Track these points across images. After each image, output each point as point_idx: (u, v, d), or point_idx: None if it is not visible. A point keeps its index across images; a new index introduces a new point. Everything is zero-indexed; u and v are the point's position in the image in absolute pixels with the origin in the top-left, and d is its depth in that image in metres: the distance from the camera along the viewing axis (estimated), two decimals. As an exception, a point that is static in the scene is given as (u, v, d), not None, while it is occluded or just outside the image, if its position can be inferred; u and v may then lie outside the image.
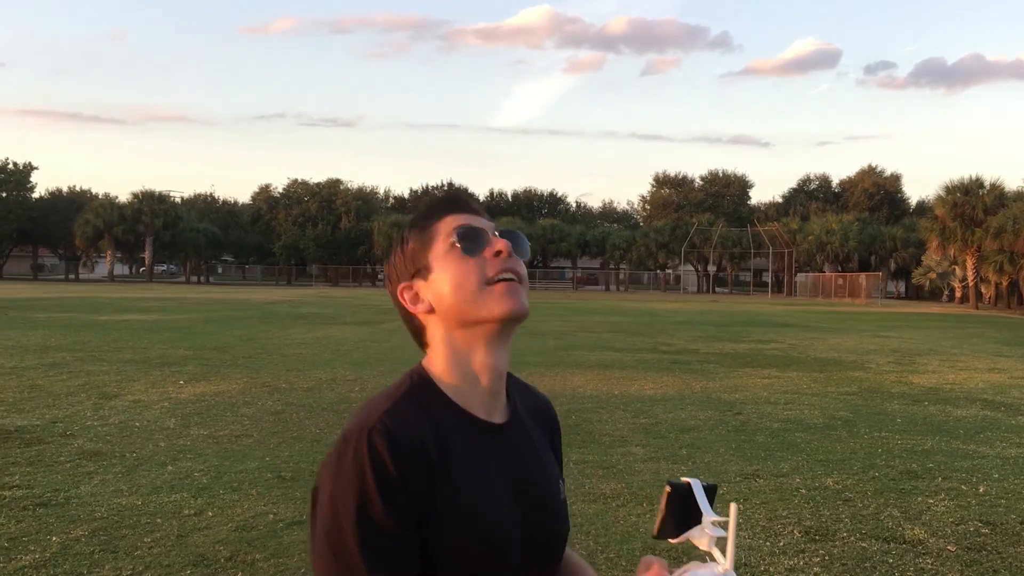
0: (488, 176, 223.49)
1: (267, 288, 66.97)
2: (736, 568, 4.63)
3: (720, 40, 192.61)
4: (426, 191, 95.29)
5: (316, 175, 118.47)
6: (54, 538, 4.90)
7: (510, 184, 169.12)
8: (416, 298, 1.29)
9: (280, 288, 68.40)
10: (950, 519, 5.66)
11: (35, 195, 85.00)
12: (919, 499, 6.15)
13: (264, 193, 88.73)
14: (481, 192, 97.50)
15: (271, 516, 5.40)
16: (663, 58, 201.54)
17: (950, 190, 52.83)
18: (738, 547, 4.93)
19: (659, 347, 18.22)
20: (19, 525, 5.12)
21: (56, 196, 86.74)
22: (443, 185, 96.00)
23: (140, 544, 4.82)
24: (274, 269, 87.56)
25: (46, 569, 4.41)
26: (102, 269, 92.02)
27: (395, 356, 15.07)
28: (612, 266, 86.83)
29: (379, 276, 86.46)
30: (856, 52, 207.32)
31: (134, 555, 4.64)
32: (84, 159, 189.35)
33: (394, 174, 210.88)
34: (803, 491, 6.30)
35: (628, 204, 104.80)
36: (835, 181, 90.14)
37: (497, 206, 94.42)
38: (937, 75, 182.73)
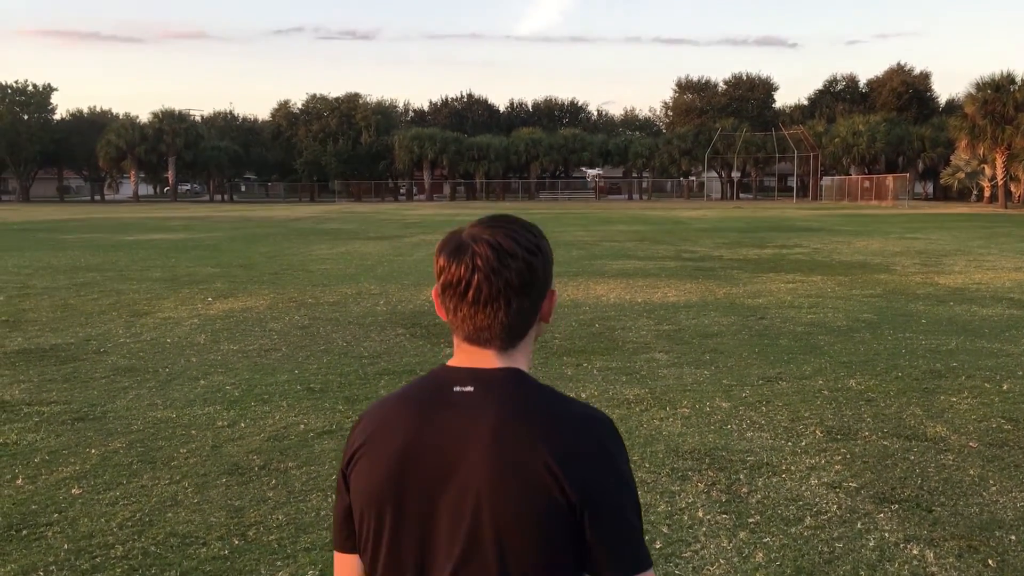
0: (509, 86, 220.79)
1: (290, 205, 67.16)
2: (758, 468, 4.71)
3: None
4: (445, 103, 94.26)
5: (335, 90, 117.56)
6: (93, 450, 5.05)
7: (531, 94, 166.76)
8: (550, 304, 1.46)
9: (303, 204, 68.56)
10: (973, 416, 5.70)
11: (56, 117, 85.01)
12: (942, 398, 6.19)
13: (283, 109, 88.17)
14: (501, 103, 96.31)
15: (302, 426, 5.53)
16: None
17: (980, 87, 51.51)
18: (760, 447, 5.01)
19: (682, 255, 18.19)
20: (59, 439, 5.29)
21: (77, 117, 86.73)
22: (463, 97, 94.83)
23: (176, 455, 4.96)
24: (296, 186, 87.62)
25: (87, 480, 4.56)
26: (127, 190, 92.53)
27: (419, 270, 15.17)
28: (634, 174, 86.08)
29: (401, 191, 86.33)
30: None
31: (171, 465, 4.79)
32: (103, 79, 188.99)
33: (413, 86, 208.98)
34: (825, 392, 6.35)
35: (651, 111, 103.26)
36: (862, 81, 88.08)
37: (518, 116, 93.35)
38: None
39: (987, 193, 57.05)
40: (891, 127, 70.70)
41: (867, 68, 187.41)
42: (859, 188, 63.57)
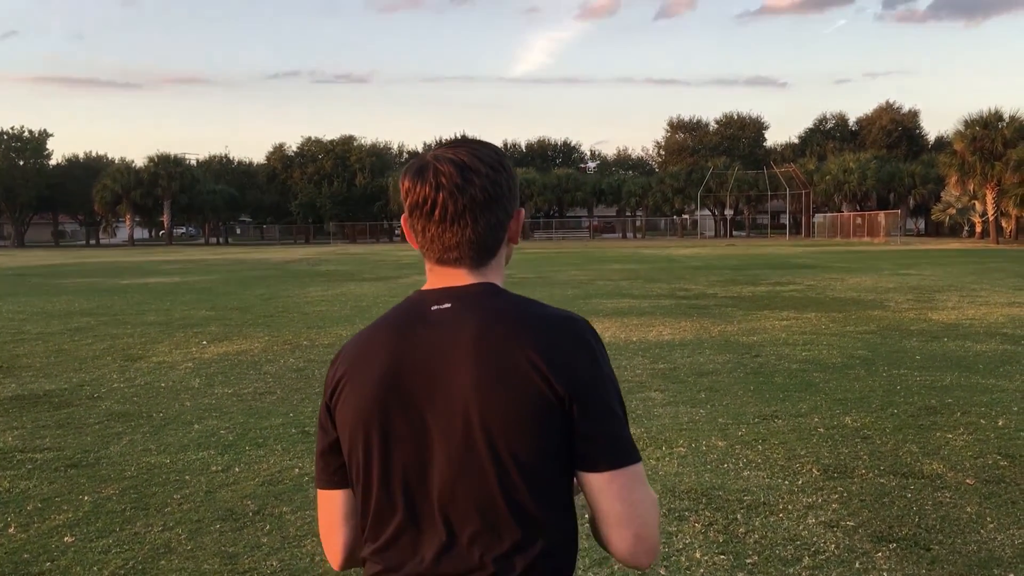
0: (502, 127, 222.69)
1: (285, 247, 67.26)
2: (755, 507, 4.68)
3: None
4: (439, 144, 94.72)
5: (330, 132, 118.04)
6: (86, 497, 5.02)
7: (524, 135, 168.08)
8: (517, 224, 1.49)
9: (298, 246, 68.67)
10: (969, 453, 5.69)
11: (52, 162, 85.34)
12: (938, 434, 6.18)
13: (279, 152, 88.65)
14: (495, 143, 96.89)
15: (296, 470, 5.50)
16: (677, 0, 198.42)
17: (969, 124, 52.08)
18: (757, 486, 5.00)
19: (676, 292, 18.23)
20: (51, 486, 5.25)
21: (73, 162, 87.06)
22: (457, 138, 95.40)
23: (170, 501, 4.93)
24: (292, 228, 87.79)
25: (80, 527, 4.53)
26: (122, 234, 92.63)
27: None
28: (628, 213, 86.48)
29: (396, 231, 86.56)
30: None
31: (164, 511, 4.76)
32: (100, 124, 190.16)
33: (408, 128, 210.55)
34: (821, 430, 6.34)
35: (643, 150, 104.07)
36: (852, 119, 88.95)
37: (511, 157, 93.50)
38: (957, 6, 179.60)
39: (978, 229, 57.37)
40: (881, 164, 71.24)
41: (856, 106, 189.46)
42: (851, 225, 63.90)
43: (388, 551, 1.40)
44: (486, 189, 1.39)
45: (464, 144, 1.44)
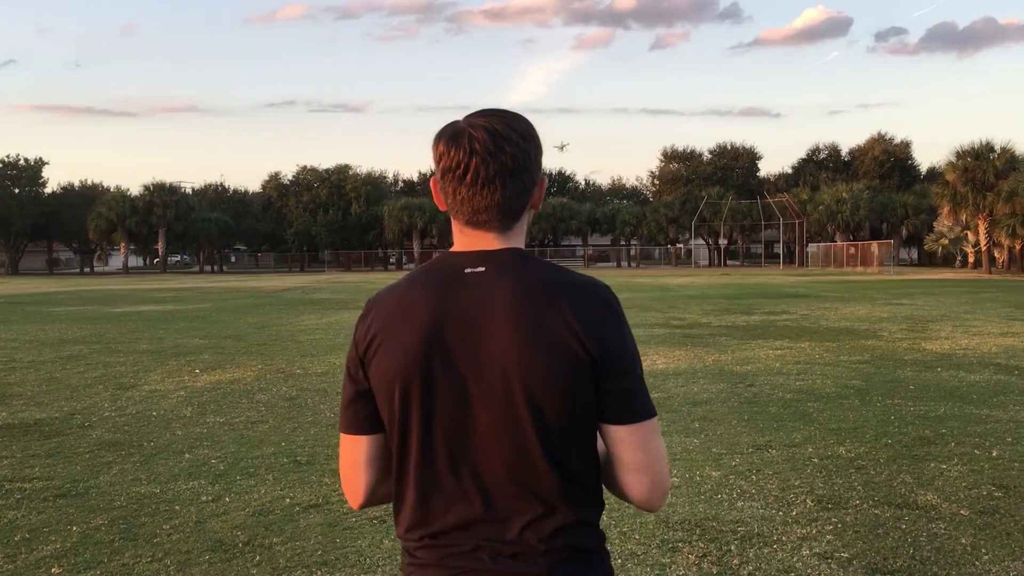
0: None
1: (280, 275, 67.22)
2: (749, 538, 4.66)
3: (730, 11, 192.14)
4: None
5: (325, 161, 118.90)
6: (74, 528, 4.97)
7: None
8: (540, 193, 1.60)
9: (293, 275, 68.63)
10: (963, 484, 5.67)
11: (47, 190, 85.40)
12: (932, 465, 6.16)
13: (274, 181, 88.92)
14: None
15: (287, 500, 5.46)
16: (672, 32, 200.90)
17: (960, 155, 52.52)
18: (751, 517, 4.97)
19: (670, 321, 18.23)
20: (40, 516, 5.20)
21: (68, 191, 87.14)
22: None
23: (159, 531, 4.89)
24: (287, 256, 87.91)
25: (67, 558, 4.48)
26: (116, 262, 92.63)
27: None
28: (623, 242, 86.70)
29: (391, 260, 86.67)
30: (867, 19, 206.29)
31: (153, 542, 4.71)
32: (95, 153, 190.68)
33: (404, 158, 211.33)
34: (815, 460, 6.32)
35: (637, 180, 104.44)
36: (844, 150, 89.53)
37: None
38: (948, 40, 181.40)
39: (971, 259, 57.63)
40: (874, 194, 71.68)
41: (849, 137, 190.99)
42: (845, 255, 64.14)
43: (429, 499, 1.50)
44: (516, 157, 1.49)
45: (496, 113, 1.53)
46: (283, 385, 10.10)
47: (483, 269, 1.49)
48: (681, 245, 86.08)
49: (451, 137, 1.49)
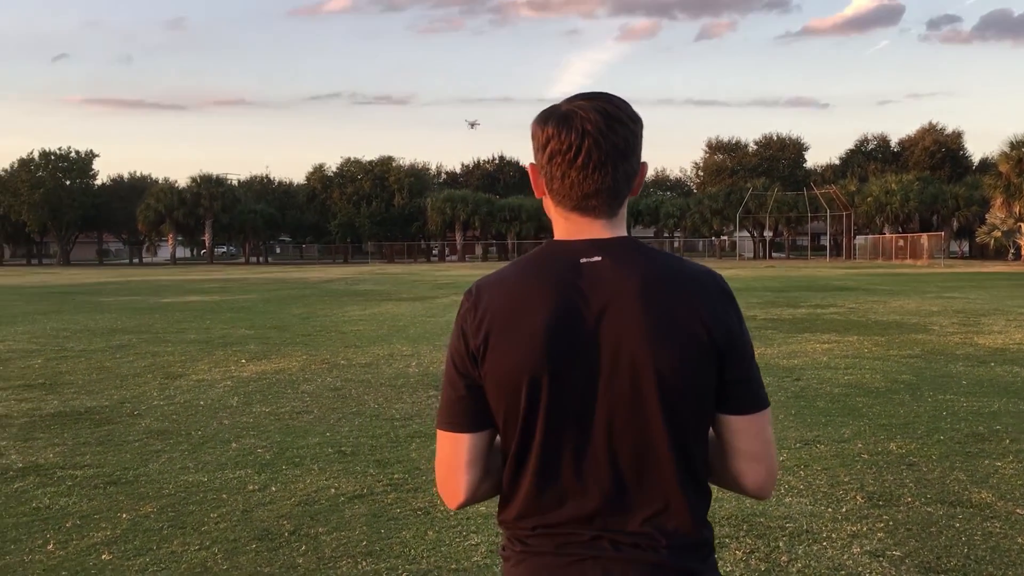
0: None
1: (324, 266, 67.83)
2: (798, 535, 4.57)
3: (777, 0, 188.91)
4: (477, 165, 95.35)
5: (369, 153, 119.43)
6: (124, 515, 5.04)
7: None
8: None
9: (336, 266, 69.20)
10: (1019, 482, 5.53)
11: (98, 182, 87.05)
12: (986, 462, 6.02)
13: (318, 173, 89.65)
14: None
15: (332, 491, 5.49)
16: (718, 22, 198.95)
17: (1015, 145, 51.39)
18: (799, 513, 4.89)
19: (716, 314, 18.02)
20: (91, 503, 5.28)
21: (118, 183, 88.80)
22: (495, 159, 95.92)
23: (207, 520, 4.94)
24: (330, 247, 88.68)
25: (117, 545, 4.54)
26: (164, 252, 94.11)
27: (451, 331, 15.14)
28: (666, 234, 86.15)
29: (433, 252, 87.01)
30: (919, 6, 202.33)
31: (201, 530, 4.76)
32: (144, 145, 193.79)
33: (446, 149, 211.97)
34: (865, 456, 6.21)
35: (681, 171, 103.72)
36: (894, 141, 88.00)
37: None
38: (1003, 27, 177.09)
39: (1024, 251, 56.35)
40: (924, 186, 70.33)
41: (899, 127, 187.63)
42: (893, 247, 63.09)
43: (546, 490, 1.48)
44: (627, 139, 1.47)
45: (600, 96, 1.49)
46: (327, 376, 10.17)
47: (599, 259, 1.46)
48: (726, 237, 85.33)
49: (561, 119, 1.46)
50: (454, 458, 1.53)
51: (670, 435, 1.44)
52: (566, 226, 1.51)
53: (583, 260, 1.46)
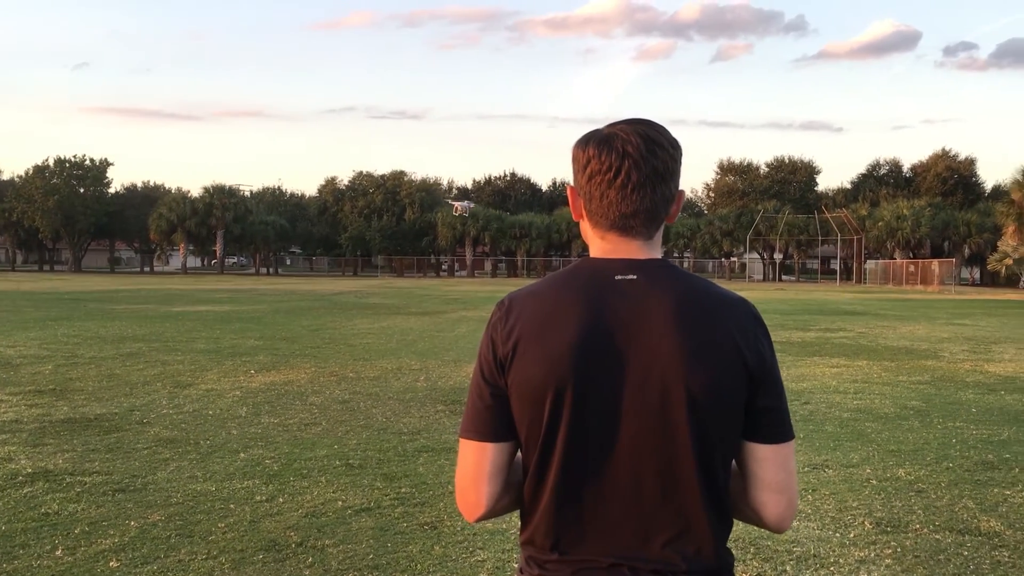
0: (551, 166, 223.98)
1: (334, 279, 67.94)
2: (805, 559, 4.56)
3: (795, 24, 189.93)
4: (489, 182, 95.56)
5: (381, 167, 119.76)
6: (132, 523, 5.06)
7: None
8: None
9: (346, 279, 69.32)
10: (1028, 511, 5.50)
11: (111, 190, 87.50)
12: (995, 490, 6.00)
13: (330, 185, 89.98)
14: (543, 182, 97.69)
15: (340, 503, 5.49)
16: (735, 44, 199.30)
17: (1028, 173, 51.13)
18: (807, 538, 4.88)
19: (725, 336, 17.98)
20: (99, 510, 5.30)
21: (131, 191, 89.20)
22: (506, 175, 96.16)
23: (214, 529, 4.95)
24: (340, 260, 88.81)
25: (125, 552, 4.55)
26: (176, 262, 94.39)
27: (459, 346, 15.17)
28: (676, 255, 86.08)
29: (443, 267, 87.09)
30: (936, 33, 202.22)
31: (208, 540, 4.77)
32: (158, 154, 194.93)
33: (459, 165, 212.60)
34: (874, 482, 6.19)
35: (692, 192, 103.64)
36: (906, 166, 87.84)
37: (560, 195, 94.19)
38: (1019, 55, 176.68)
39: (1036, 280, 56.09)
40: (936, 212, 70.16)
41: (912, 153, 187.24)
42: (904, 272, 62.88)
43: (566, 510, 1.47)
44: (666, 163, 1.49)
45: (641, 121, 1.52)
46: (336, 388, 10.18)
47: (634, 277, 1.47)
48: (735, 259, 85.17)
49: (602, 141, 1.49)
50: (476, 468, 1.52)
51: (697, 458, 1.42)
52: (602, 245, 1.52)
53: (618, 277, 1.47)
